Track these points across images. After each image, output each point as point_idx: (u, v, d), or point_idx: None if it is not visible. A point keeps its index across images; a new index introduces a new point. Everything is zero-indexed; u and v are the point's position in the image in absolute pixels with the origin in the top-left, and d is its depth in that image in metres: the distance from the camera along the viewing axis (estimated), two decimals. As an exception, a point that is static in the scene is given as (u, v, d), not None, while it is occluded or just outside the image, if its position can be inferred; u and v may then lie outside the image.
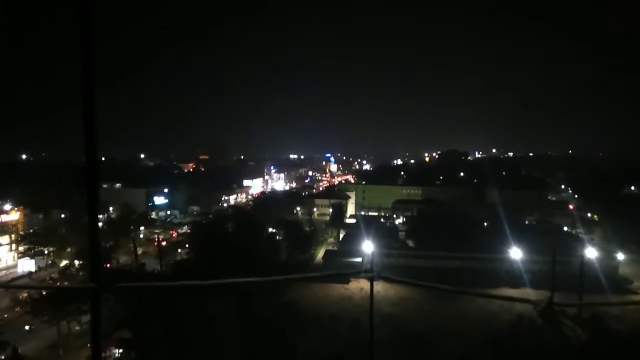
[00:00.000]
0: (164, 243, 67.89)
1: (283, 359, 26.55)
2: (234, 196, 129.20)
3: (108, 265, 50.22)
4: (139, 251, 62.78)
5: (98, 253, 2.20)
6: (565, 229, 71.10)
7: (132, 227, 70.71)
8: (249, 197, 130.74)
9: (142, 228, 76.13)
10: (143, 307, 25.75)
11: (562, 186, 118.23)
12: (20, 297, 42.10)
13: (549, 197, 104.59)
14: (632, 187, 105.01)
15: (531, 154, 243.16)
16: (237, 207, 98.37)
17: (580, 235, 64.65)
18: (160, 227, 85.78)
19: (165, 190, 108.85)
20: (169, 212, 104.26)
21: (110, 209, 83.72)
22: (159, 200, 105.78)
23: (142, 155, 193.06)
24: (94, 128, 1.91)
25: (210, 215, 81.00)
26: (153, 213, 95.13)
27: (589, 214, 77.34)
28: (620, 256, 54.60)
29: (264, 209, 76.97)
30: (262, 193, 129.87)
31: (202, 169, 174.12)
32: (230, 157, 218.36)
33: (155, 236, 76.70)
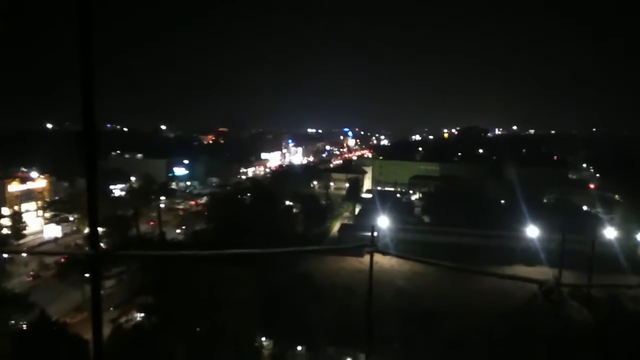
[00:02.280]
0: (181, 213, 69.63)
1: (296, 327, 27.46)
2: (252, 169, 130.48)
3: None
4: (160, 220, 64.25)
5: (96, 221, 2.23)
6: (585, 208, 70.05)
7: (152, 197, 72.23)
8: (267, 170, 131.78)
9: (162, 198, 77.79)
10: (163, 274, 26.69)
11: (584, 165, 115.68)
12: (56, 261, 43.69)
13: (569, 176, 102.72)
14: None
15: (553, 132, 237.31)
16: (255, 179, 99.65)
17: (600, 214, 63.65)
18: (180, 197, 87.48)
19: (186, 161, 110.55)
20: (188, 183, 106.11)
21: (132, 178, 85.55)
22: (179, 171, 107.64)
23: (164, 127, 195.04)
24: (91, 93, 2.00)
25: (229, 187, 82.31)
26: (173, 184, 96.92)
27: (611, 194, 75.83)
28: (641, 237, 53.73)
29: (282, 182, 77.65)
30: (280, 166, 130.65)
31: (222, 142, 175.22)
32: (249, 129, 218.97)
33: (176, 206, 78.40)
